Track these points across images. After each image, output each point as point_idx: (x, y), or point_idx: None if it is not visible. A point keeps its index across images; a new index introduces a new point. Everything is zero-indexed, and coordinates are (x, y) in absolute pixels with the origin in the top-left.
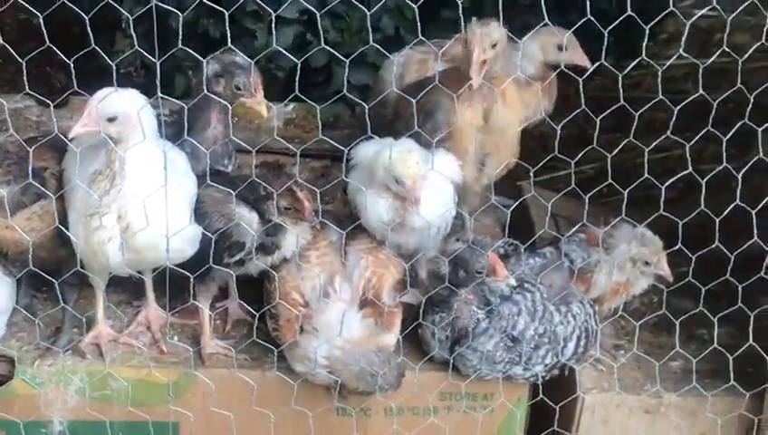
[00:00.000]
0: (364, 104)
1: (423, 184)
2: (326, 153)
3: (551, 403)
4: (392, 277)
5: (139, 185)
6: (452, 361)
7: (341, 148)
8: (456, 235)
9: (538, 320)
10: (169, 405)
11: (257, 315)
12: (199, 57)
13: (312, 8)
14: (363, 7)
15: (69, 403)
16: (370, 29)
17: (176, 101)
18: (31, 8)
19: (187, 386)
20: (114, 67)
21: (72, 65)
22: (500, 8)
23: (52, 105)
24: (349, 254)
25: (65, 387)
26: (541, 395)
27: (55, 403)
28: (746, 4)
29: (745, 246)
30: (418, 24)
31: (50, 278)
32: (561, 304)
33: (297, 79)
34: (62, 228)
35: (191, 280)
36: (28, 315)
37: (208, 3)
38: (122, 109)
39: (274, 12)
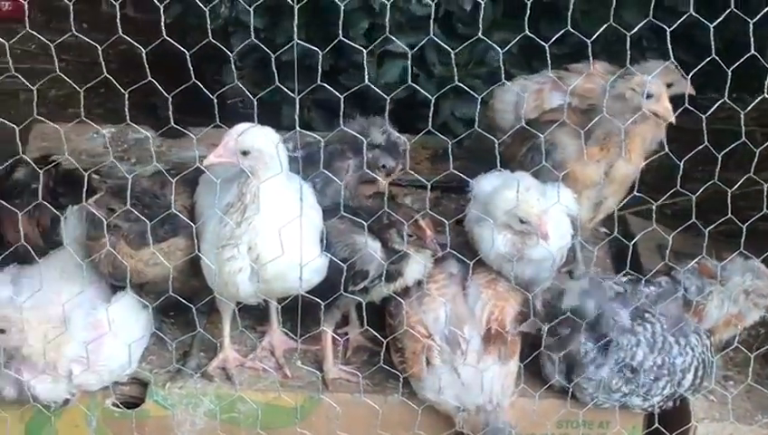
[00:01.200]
0: (492, 136)
1: (547, 218)
2: (437, 184)
3: (666, 432)
4: (513, 309)
5: (269, 217)
6: (570, 389)
7: (466, 178)
8: (569, 266)
9: (657, 351)
10: (296, 428)
11: (385, 342)
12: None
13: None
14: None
15: (197, 425)
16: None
17: (310, 134)
18: (133, 42)
19: (311, 410)
20: (216, 100)
21: (170, 98)
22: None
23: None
24: (468, 287)
25: (194, 409)
26: (656, 424)
27: (184, 425)
28: None
29: None
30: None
31: (187, 304)
32: (679, 335)
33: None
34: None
35: (316, 307)
36: (162, 338)
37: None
38: (258, 144)
39: (382, 46)
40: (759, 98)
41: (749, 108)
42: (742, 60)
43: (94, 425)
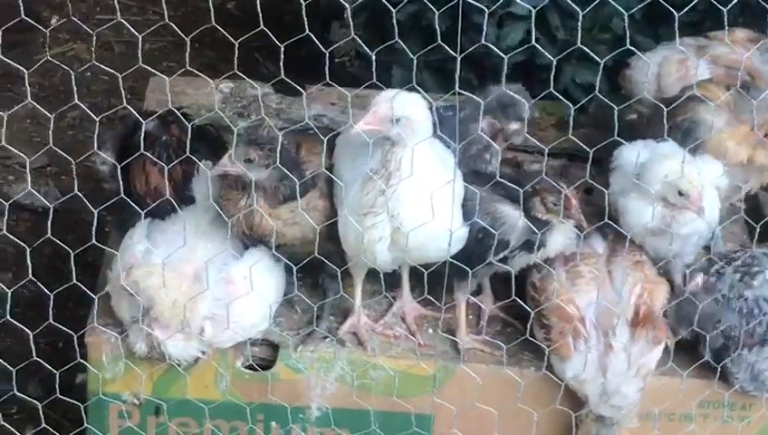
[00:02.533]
0: (613, 106)
1: (703, 192)
2: (563, 152)
3: None
4: (663, 293)
5: (415, 185)
6: (719, 369)
7: (586, 148)
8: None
9: None
10: (433, 397)
11: (532, 314)
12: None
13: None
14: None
15: (328, 390)
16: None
17: (470, 95)
18: None
19: (444, 380)
20: (328, 55)
21: (282, 49)
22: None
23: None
24: (613, 270)
25: (326, 374)
26: None
27: (315, 389)
28: None
29: None
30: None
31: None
32: None
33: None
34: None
35: (450, 276)
36: (290, 300)
37: None
38: (409, 111)
39: (504, 8)
40: None
41: None
42: None
43: (224, 386)
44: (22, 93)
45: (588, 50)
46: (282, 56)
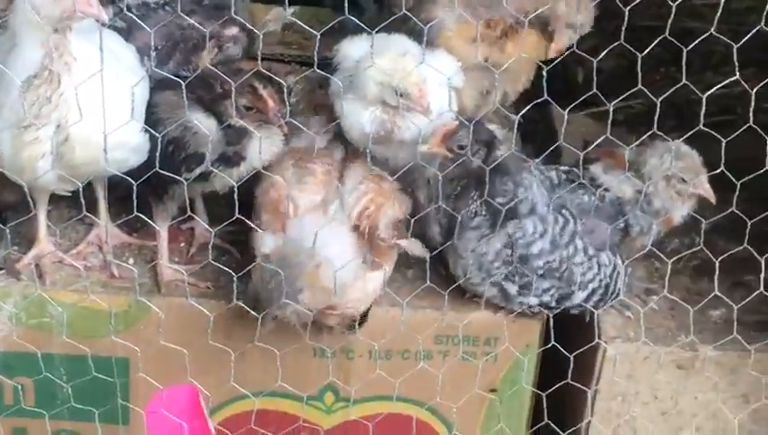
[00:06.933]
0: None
1: (427, 87)
2: (323, 60)
3: (565, 352)
4: (392, 211)
5: (85, 89)
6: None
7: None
8: None
9: (558, 250)
10: (112, 337)
11: (212, 232)
12: None
13: None
14: None
15: (1, 331)
16: None
17: None
18: None
19: (138, 316)
20: None
21: None
22: None
23: None
24: (346, 176)
25: None
26: (552, 341)
27: None
28: None
29: None
30: None
31: None
32: (589, 243)
33: None
34: None
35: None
36: None
37: None
38: None
39: None
40: None
41: None
42: None
43: None
44: None
45: None
46: None
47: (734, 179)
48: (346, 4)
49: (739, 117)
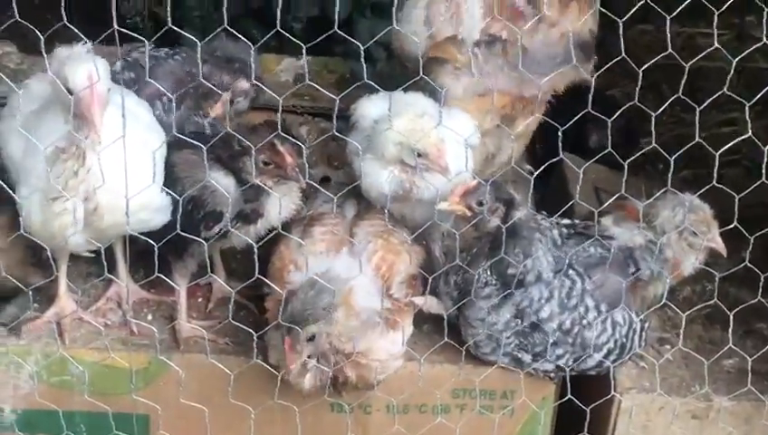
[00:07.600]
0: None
1: (445, 148)
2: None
3: (581, 405)
4: (404, 266)
5: (109, 159)
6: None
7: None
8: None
9: (568, 313)
10: (133, 395)
11: (233, 292)
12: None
13: None
14: None
15: (22, 389)
16: None
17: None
18: None
19: (157, 373)
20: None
21: None
22: None
23: None
24: (357, 234)
25: (17, 370)
26: (569, 395)
27: (6, 388)
28: None
29: None
30: None
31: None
32: (602, 303)
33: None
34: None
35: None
36: None
37: None
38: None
39: None
40: None
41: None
42: None
43: None
44: None
45: None
46: None
47: (746, 233)
48: (362, 56)
49: (743, 156)
